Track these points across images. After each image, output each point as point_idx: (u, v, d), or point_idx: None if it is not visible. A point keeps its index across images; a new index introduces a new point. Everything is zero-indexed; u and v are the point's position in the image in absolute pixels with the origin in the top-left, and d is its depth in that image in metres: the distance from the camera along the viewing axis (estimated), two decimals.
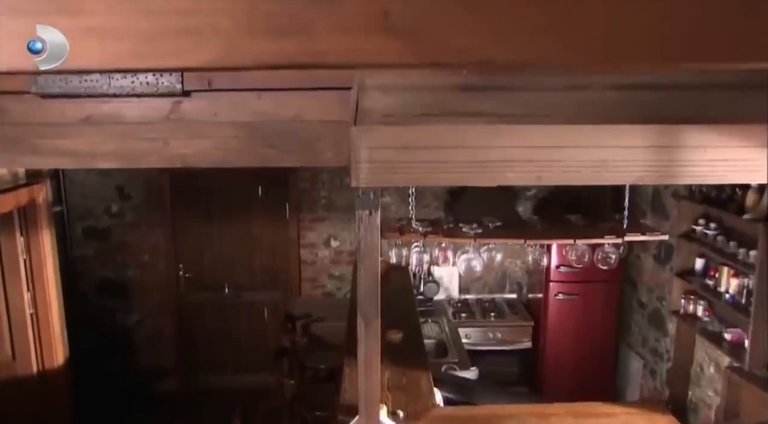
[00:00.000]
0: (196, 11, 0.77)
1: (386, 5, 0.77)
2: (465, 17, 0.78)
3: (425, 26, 0.78)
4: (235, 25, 0.78)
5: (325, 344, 4.44)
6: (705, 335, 3.77)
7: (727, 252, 3.56)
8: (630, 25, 0.80)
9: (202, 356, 5.24)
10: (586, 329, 4.73)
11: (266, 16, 0.77)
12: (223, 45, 0.78)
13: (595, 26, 0.79)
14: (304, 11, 0.77)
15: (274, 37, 0.78)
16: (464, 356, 4.08)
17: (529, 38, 0.79)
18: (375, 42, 0.79)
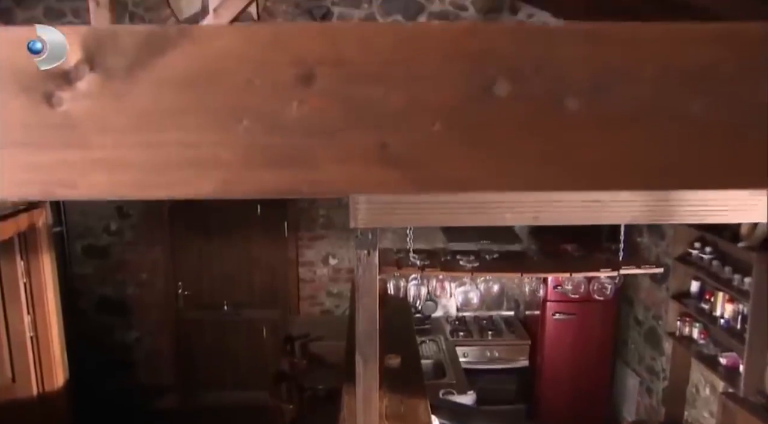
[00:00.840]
0: (198, 144, 0.80)
1: (384, 138, 0.79)
2: (461, 150, 0.80)
3: (422, 158, 0.80)
4: (235, 157, 0.80)
5: (325, 363, 4.47)
6: (700, 359, 3.81)
7: (723, 277, 3.60)
8: (620, 153, 0.82)
9: (201, 373, 5.26)
10: (583, 347, 4.76)
11: (266, 148, 0.80)
12: (225, 176, 0.80)
13: (588, 154, 0.82)
14: (304, 143, 0.80)
15: (274, 168, 0.80)
16: (462, 378, 4.11)
17: (523, 168, 0.81)
18: (373, 172, 0.81)
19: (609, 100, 0.79)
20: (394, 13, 4.78)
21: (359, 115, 0.78)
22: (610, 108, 0.80)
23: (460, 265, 2.89)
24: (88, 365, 4.81)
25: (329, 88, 0.78)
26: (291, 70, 0.77)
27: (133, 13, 4.79)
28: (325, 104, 0.78)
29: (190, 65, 0.78)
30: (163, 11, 4.78)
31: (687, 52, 0.79)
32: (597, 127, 0.80)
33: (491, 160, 0.80)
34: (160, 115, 0.79)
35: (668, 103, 0.80)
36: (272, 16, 4.76)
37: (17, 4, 4.74)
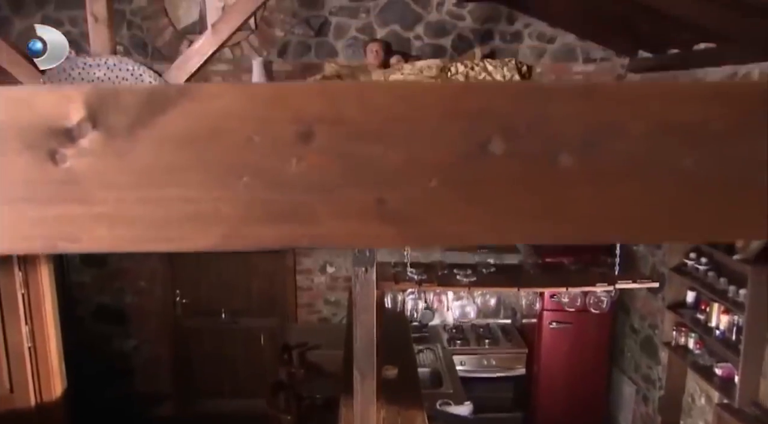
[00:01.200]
0: (199, 200, 0.81)
1: (382, 194, 0.81)
2: (457, 205, 0.82)
3: (419, 214, 0.82)
4: (236, 212, 0.81)
5: (322, 372, 4.48)
6: (696, 369, 3.83)
7: (718, 288, 3.62)
8: (614, 207, 0.84)
9: (199, 381, 5.27)
10: (580, 355, 4.78)
11: (266, 203, 0.81)
12: (226, 230, 0.82)
13: (582, 208, 0.83)
14: (303, 199, 0.81)
15: (274, 223, 0.82)
16: (459, 388, 4.13)
17: (519, 222, 0.83)
18: (371, 227, 0.82)
19: (602, 156, 0.81)
20: (392, 23, 4.79)
21: (358, 171, 0.80)
22: (603, 163, 0.81)
23: (457, 279, 2.91)
24: (86, 374, 4.81)
25: (328, 145, 0.79)
26: (291, 127, 0.79)
27: (131, 22, 4.80)
28: (324, 161, 0.79)
29: (191, 123, 0.79)
30: (161, 20, 4.80)
31: (679, 109, 0.81)
32: (590, 182, 0.81)
33: (487, 215, 0.82)
34: (161, 171, 0.80)
35: (661, 159, 0.82)
36: (270, 26, 4.77)
37: (14, 14, 4.75)
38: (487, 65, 3.91)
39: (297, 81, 4.75)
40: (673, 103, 0.81)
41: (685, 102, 0.81)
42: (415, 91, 0.79)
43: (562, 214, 0.82)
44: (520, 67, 3.93)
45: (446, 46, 4.84)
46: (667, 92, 0.81)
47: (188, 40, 4.79)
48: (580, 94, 0.80)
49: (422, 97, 0.78)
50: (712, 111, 0.82)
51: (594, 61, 4.85)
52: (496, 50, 4.84)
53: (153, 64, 4.84)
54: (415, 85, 0.77)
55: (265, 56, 4.78)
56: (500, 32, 4.83)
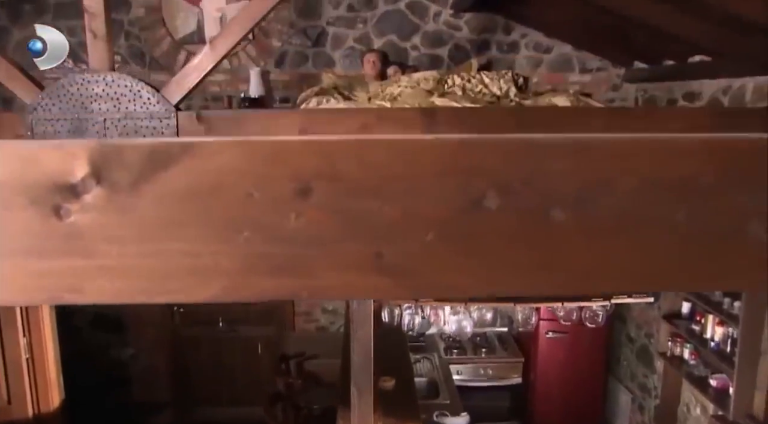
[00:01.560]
0: (200, 254, 0.83)
1: (379, 248, 0.83)
2: (453, 259, 0.84)
3: (416, 267, 0.84)
4: (236, 266, 0.83)
5: (320, 382, 4.49)
6: (691, 380, 3.86)
7: (713, 300, 3.65)
8: (606, 260, 0.86)
9: (197, 390, 5.28)
10: (576, 364, 4.81)
11: (266, 257, 0.83)
12: (226, 283, 0.84)
13: (574, 261, 0.85)
14: (302, 253, 0.83)
15: (273, 276, 0.84)
16: (455, 397, 4.14)
17: (512, 275, 0.85)
18: (369, 280, 0.84)
19: (594, 210, 0.83)
20: (389, 33, 4.81)
21: (355, 226, 0.82)
22: (595, 218, 0.83)
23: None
24: (83, 383, 4.81)
25: (326, 201, 0.81)
26: (289, 184, 0.81)
27: (129, 32, 4.81)
28: (322, 216, 0.81)
29: (192, 179, 0.81)
30: (159, 31, 4.81)
31: (669, 164, 0.83)
32: (583, 236, 0.84)
33: (482, 268, 0.84)
34: (163, 225, 0.82)
35: (651, 212, 0.84)
36: (268, 36, 4.79)
37: (12, 24, 4.75)
38: (484, 78, 3.93)
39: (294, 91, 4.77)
40: (663, 158, 0.83)
41: (674, 157, 0.84)
42: (411, 148, 0.81)
43: (555, 266, 0.84)
44: (516, 80, 3.95)
45: (443, 56, 4.85)
46: (657, 147, 0.84)
47: (186, 50, 4.80)
48: (572, 150, 0.83)
49: (419, 155, 0.80)
50: (700, 165, 0.84)
51: (590, 71, 4.87)
52: (493, 60, 4.86)
53: (151, 74, 4.86)
54: (412, 143, 0.79)
55: (262, 66, 4.79)
56: (497, 42, 4.85)
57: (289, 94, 4.80)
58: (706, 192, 0.84)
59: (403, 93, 3.62)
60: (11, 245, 0.81)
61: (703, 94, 3.96)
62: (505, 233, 0.82)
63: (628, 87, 4.85)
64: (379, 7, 4.77)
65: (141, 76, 4.85)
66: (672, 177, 0.83)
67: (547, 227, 0.82)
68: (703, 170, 0.83)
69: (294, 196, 0.80)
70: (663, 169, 0.83)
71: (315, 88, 4.09)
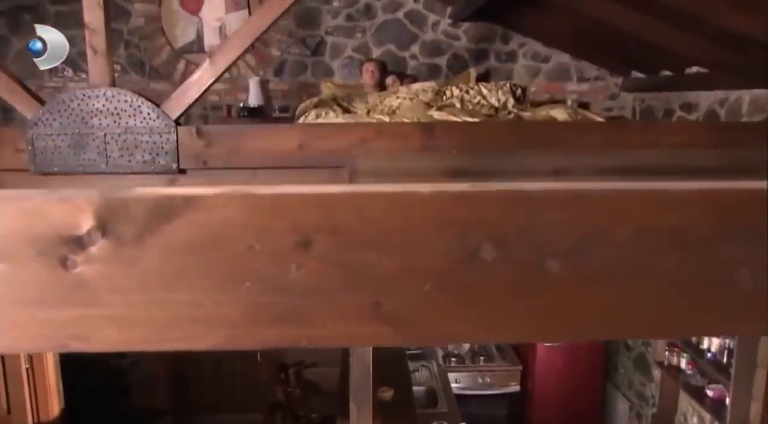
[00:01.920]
0: (203, 304, 0.85)
1: (378, 298, 0.85)
2: (450, 308, 0.85)
3: (414, 316, 0.86)
4: (238, 315, 0.85)
5: (320, 390, 4.52)
6: (687, 390, 3.88)
7: None
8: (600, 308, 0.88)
9: (197, 398, 5.30)
10: (574, 371, 4.83)
11: (267, 307, 0.85)
12: (228, 332, 0.86)
13: (569, 310, 0.87)
14: (303, 303, 0.85)
15: (274, 326, 0.86)
16: (454, 407, 4.17)
17: (508, 324, 0.87)
18: (368, 329, 0.86)
19: (588, 261, 0.85)
20: (387, 42, 4.83)
21: (355, 277, 0.84)
22: (589, 268, 0.85)
23: None
24: (83, 390, 4.83)
25: (326, 253, 0.83)
26: (290, 236, 0.83)
27: (129, 41, 4.83)
28: (322, 268, 0.83)
29: (195, 232, 0.83)
30: (158, 40, 4.82)
31: (662, 215, 0.85)
32: (577, 286, 0.86)
33: (479, 317, 0.86)
34: (167, 277, 0.84)
35: (644, 262, 0.86)
36: (267, 45, 4.80)
37: (12, 33, 4.77)
38: (482, 89, 3.96)
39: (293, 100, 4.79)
40: (656, 210, 0.86)
41: (667, 208, 0.86)
42: (410, 202, 0.83)
43: (550, 315, 0.86)
44: (514, 91, 3.97)
45: (441, 65, 4.88)
46: (650, 199, 0.86)
47: (185, 60, 4.82)
48: (566, 202, 0.85)
49: (417, 208, 0.82)
50: (693, 216, 0.86)
51: (588, 80, 4.90)
52: (492, 70, 4.89)
53: (150, 83, 4.88)
54: (410, 197, 0.81)
55: (261, 75, 4.82)
56: (495, 52, 4.88)
57: (288, 103, 4.82)
58: (699, 242, 0.86)
59: (402, 106, 3.64)
60: (19, 295, 0.83)
61: (700, 105, 3.99)
62: (501, 284, 0.84)
63: (625, 96, 4.88)
64: (378, 17, 4.79)
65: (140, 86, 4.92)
66: (665, 228, 0.85)
67: (542, 278, 0.84)
68: (696, 221, 0.85)
69: (294, 248, 0.82)
70: (656, 220, 0.85)
71: (314, 99, 4.11)
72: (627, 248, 0.85)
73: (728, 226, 0.86)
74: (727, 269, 0.87)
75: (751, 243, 0.86)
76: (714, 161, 2.43)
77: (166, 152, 2.52)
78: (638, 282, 0.87)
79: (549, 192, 0.83)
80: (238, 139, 2.54)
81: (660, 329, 0.89)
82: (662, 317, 0.88)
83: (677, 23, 3.05)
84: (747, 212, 0.86)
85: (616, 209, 0.85)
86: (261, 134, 2.60)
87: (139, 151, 2.47)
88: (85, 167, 2.48)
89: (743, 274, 0.87)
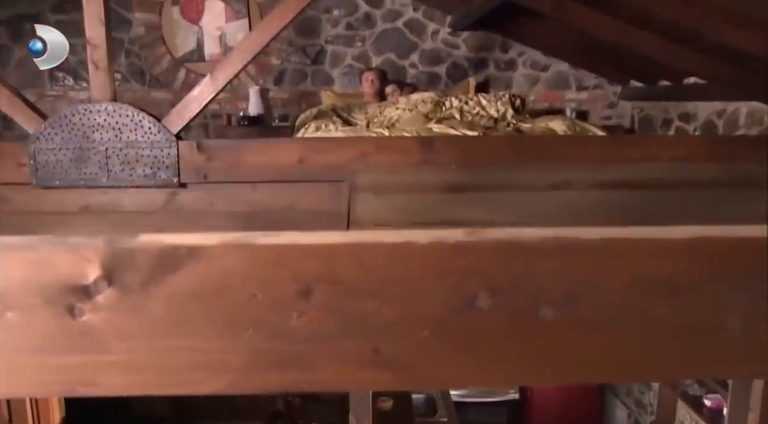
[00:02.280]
0: (207, 350, 0.87)
1: (377, 344, 0.87)
2: (447, 354, 0.88)
3: (412, 361, 0.88)
4: (241, 361, 0.87)
5: (320, 399, 4.54)
6: (685, 399, 3.90)
7: None
8: (593, 353, 0.90)
9: (197, 406, 5.31)
10: None
11: (269, 353, 0.87)
12: (231, 377, 0.88)
13: (562, 355, 0.89)
14: (303, 349, 0.87)
15: (276, 371, 0.88)
16: (453, 415, 4.19)
17: (504, 368, 0.89)
18: (367, 373, 0.89)
19: (581, 308, 0.87)
20: (387, 51, 4.85)
21: (354, 324, 0.86)
22: (582, 315, 0.88)
23: None
24: (83, 398, 4.85)
25: (326, 302, 0.85)
26: (291, 286, 0.85)
27: (129, 50, 4.85)
28: (322, 316, 0.86)
29: (199, 281, 0.85)
30: (159, 49, 4.84)
31: (651, 263, 0.88)
32: (570, 332, 0.88)
33: (475, 362, 0.88)
34: (172, 324, 0.86)
35: (636, 309, 0.88)
36: (266, 54, 4.82)
37: (14, 42, 4.79)
38: (481, 100, 3.98)
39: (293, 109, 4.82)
40: (646, 258, 0.88)
41: (657, 257, 0.88)
42: (408, 252, 0.85)
43: (545, 360, 0.89)
44: (513, 101, 4.00)
45: (441, 74, 4.90)
46: (640, 248, 0.88)
47: (186, 69, 4.84)
48: (560, 251, 0.87)
49: (415, 259, 0.85)
50: (683, 264, 0.88)
51: (587, 88, 4.92)
52: (491, 78, 4.91)
53: (151, 91, 4.90)
54: (409, 247, 0.83)
55: (261, 84, 4.83)
56: (494, 60, 4.90)
57: (288, 112, 4.84)
58: (689, 289, 0.88)
59: (401, 118, 3.66)
60: (28, 342, 0.86)
61: (698, 116, 4.01)
62: (497, 331, 0.87)
63: (624, 104, 4.90)
64: (378, 26, 4.81)
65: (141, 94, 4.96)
66: (656, 275, 0.87)
67: (536, 324, 0.87)
68: (686, 269, 0.87)
69: (296, 297, 0.84)
70: (648, 268, 0.87)
71: (313, 110, 4.13)
72: (619, 294, 0.88)
73: (718, 273, 0.89)
74: (718, 314, 0.89)
75: (740, 289, 0.88)
76: (713, 175, 2.45)
77: (167, 166, 2.54)
78: (631, 327, 0.89)
79: (542, 241, 0.86)
80: (238, 154, 2.56)
81: (652, 373, 0.91)
82: (654, 360, 0.91)
83: (675, 38, 3.07)
84: (736, 260, 0.88)
85: (608, 258, 0.87)
86: (261, 148, 2.62)
87: (140, 165, 2.50)
88: (87, 181, 2.51)
89: (733, 319, 0.89)
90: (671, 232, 0.90)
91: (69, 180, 2.60)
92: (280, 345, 0.87)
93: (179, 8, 4.72)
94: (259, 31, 2.66)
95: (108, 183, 2.54)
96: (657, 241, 0.88)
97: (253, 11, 4.71)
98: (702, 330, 0.89)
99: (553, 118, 3.72)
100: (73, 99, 4.73)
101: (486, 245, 0.86)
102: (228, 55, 2.76)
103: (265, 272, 0.84)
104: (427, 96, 4.02)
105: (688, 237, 0.88)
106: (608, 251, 0.87)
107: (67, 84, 4.85)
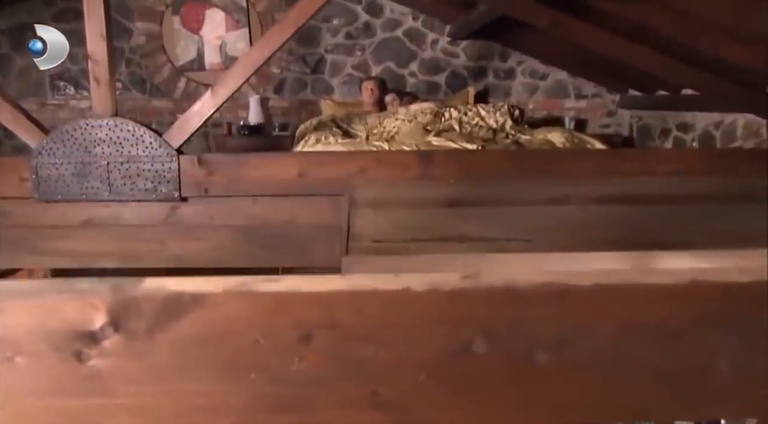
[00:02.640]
0: (210, 393, 0.90)
1: (375, 387, 0.90)
2: (444, 398, 0.90)
3: (409, 404, 0.91)
4: (244, 404, 0.90)
5: None
6: None
7: None
8: (586, 396, 0.93)
9: None
10: None
11: (271, 396, 0.90)
12: (235, 420, 0.91)
13: (557, 399, 0.92)
14: (304, 392, 0.90)
15: (278, 413, 0.91)
16: None
17: (500, 412, 0.92)
18: (366, 416, 0.91)
19: (575, 352, 0.90)
20: (387, 60, 4.88)
21: (353, 368, 0.89)
22: (576, 359, 0.90)
23: None
24: None
25: (326, 347, 0.88)
26: (292, 332, 0.87)
27: (130, 59, 4.88)
28: (322, 360, 0.88)
29: (203, 328, 0.87)
30: (159, 58, 4.87)
31: (642, 309, 0.90)
32: (565, 376, 0.90)
33: (471, 405, 0.90)
34: (176, 369, 0.89)
35: (627, 353, 0.91)
36: (266, 64, 4.85)
37: (15, 51, 4.82)
38: (480, 111, 4.01)
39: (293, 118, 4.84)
40: (636, 304, 0.90)
41: (646, 303, 0.90)
42: (406, 300, 0.87)
43: (540, 403, 0.91)
44: (512, 112, 4.02)
45: (440, 83, 4.93)
46: (631, 294, 0.90)
47: (186, 78, 4.87)
48: (552, 297, 0.89)
49: (412, 306, 0.87)
50: (673, 310, 0.91)
51: (585, 97, 4.95)
52: (490, 87, 4.94)
53: (151, 100, 4.93)
54: (406, 294, 0.86)
55: (261, 93, 4.87)
56: (494, 69, 4.93)
57: (288, 121, 4.87)
58: (678, 334, 0.90)
59: (401, 130, 3.69)
60: (34, 386, 0.88)
61: (696, 126, 4.04)
62: (493, 375, 0.89)
63: (623, 113, 4.93)
64: (377, 35, 4.84)
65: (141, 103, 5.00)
66: (646, 321, 0.90)
67: (531, 368, 0.89)
68: (675, 314, 0.90)
69: (296, 342, 0.87)
70: (637, 313, 0.90)
71: (313, 120, 4.16)
72: (610, 340, 0.90)
73: (706, 318, 0.91)
74: (707, 358, 0.92)
75: (728, 333, 0.91)
76: (712, 189, 2.47)
77: (168, 180, 2.57)
78: (622, 371, 0.92)
79: (535, 288, 0.88)
80: (238, 168, 2.59)
81: (643, 414, 0.94)
82: (645, 403, 0.93)
83: (672, 52, 3.10)
84: (724, 305, 0.91)
85: (599, 304, 0.90)
86: (261, 162, 2.65)
87: (142, 180, 2.53)
88: (88, 195, 2.54)
89: (722, 363, 0.92)
90: (662, 277, 0.93)
91: (71, 194, 2.63)
92: (282, 389, 0.89)
93: (180, 18, 4.75)
94: (259, 47, 2.69)
95: (109, 197, 2.58)
96: (648, 286, 0.91)
97: (253, 21, 4.74)
98: (692, 374, 0.92)
99: (552, 130, 3.75)
100: (74, 108, 4.77)
101: (481, 292, 0.88)
102: (228, 70, 2.80)
103: (266, 319, 0.87)
104: (427, 106, 4.05)
105: (678, 283, 0.90)
106: (598, 297, 0.90)
107: (68, 93, 4.88)
